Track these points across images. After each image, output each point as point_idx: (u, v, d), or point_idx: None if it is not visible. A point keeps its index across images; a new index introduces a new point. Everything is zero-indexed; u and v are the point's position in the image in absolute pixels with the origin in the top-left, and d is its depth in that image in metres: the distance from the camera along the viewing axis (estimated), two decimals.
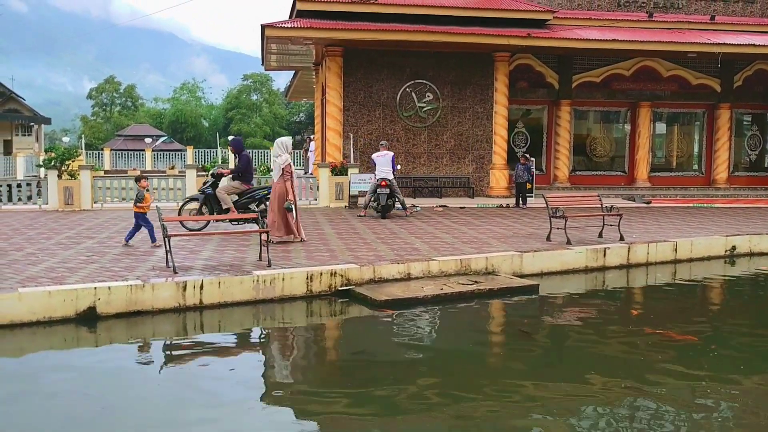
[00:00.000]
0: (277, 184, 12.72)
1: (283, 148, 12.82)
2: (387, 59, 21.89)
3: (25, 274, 9.66)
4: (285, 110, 76.11)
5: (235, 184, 14.20)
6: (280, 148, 12.84)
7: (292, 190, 12.64)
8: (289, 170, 12.66)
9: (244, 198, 14.17)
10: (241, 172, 14.21)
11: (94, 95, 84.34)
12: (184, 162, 40.24)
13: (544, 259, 12.10)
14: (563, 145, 24.25)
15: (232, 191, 14.00)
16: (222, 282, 9.53)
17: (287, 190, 12.58)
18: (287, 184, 12.62)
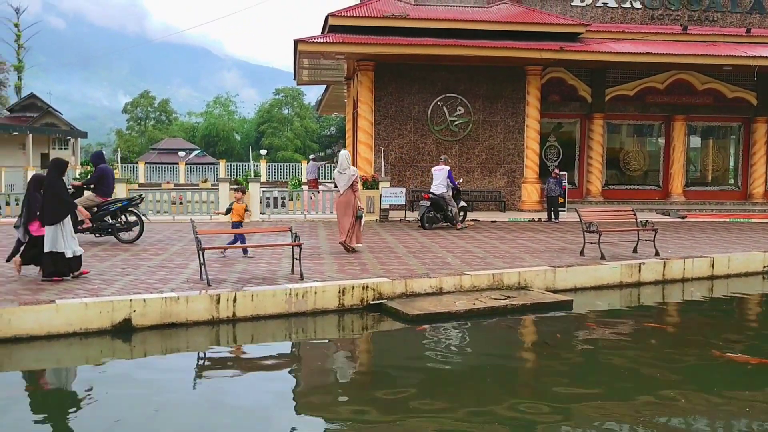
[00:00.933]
0: (346, 195, 13.37)
1: (348, 161, 13.53)
2: (418, 73, 21.95)
3: (63, 285, 9.80)
4: (316, 124, 76.60)
5: (89, 197, 14.30)
6: (347, 161, 13.48)
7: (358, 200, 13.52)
8: (357, 181, 13.52)
9: (100, 210, 14.35)
10: (95, 185, 14.38)
11: (129, 109, 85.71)
12: (216, 175, 40.69)
13: (577, 275, 11.97)
14: (596, 159, 24.04)
15: (87, 204, 13.99)
16: (255, 295, 9.58)
17: (357, 200, 13.42)
18: (356, 195, 13.43)
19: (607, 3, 23.94)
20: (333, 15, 21.17)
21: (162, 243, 14.58)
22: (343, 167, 13.46)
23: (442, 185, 17.53)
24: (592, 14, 23.87)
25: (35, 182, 10.46)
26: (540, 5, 23.58)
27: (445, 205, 17.65)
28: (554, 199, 20.08)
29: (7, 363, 7.90)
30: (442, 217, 17.74)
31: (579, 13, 23.75)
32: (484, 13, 22.27)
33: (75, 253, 10.18)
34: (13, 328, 8.30)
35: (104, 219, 14.36)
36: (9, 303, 8.57)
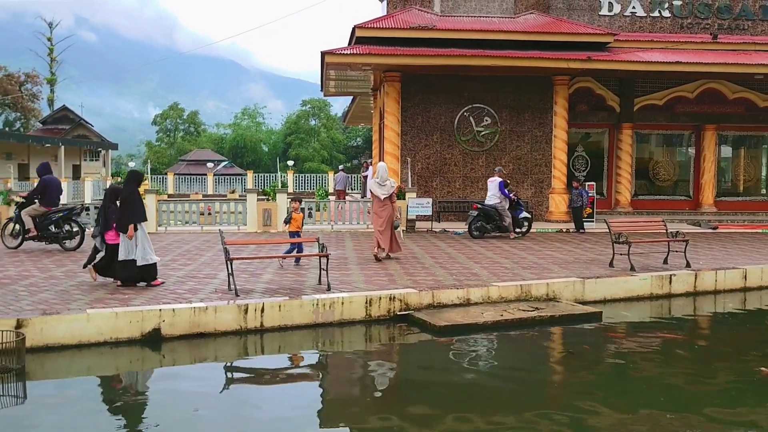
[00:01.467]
0: (386, 206, 13.74)
1: (387, 173, 14.02)
2: (445, 84, 21.96)
3: (94, 295, 9.93)
4: (342, 135, 76.93)
5: (35, 206, 14.94)
6: (386, 172, 13.96)
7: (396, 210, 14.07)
8: (395, 193, 14.06)
9: (44, 220, 14.92)
10: (40, 195, 14.99)
11: (159, 121, 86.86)
12: (244, 186, 41.01)
13: (607, 286, 11.84)
14: (625, 169, 23.81)
15: (33, 213, 14.81)
16: (282, 305, 9.62)
17: (394, 210, 13.95)
18: (394, 206, 13.91)
19: (635, 12, 23.78)
20: (360, 27, 21.28)
21: (191, 253, 14.71)
22: (384, 179, 13.84)
23: (495, 196, 17.93)
24: (620, 23, 23.71)
25: (111, 193, 11.08)
26: (567, 15, 23.48)
27: (497, 215, 17.88)
28: (578, 210, 20.02)
29: (39, 372, 8.01)
30: (493, 227, 17.96)
31: (607, 23, 23.61)
32: (511, 24, 22.22)
33: (147, 262, 10.54)
34: (45, 337, 8.42)
35: (48, 228, 14.99)
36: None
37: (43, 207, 14.98)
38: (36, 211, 14.95)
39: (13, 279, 11.30)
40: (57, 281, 11.10)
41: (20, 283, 10.86)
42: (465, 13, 22.73)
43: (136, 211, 10.50)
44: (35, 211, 14.95)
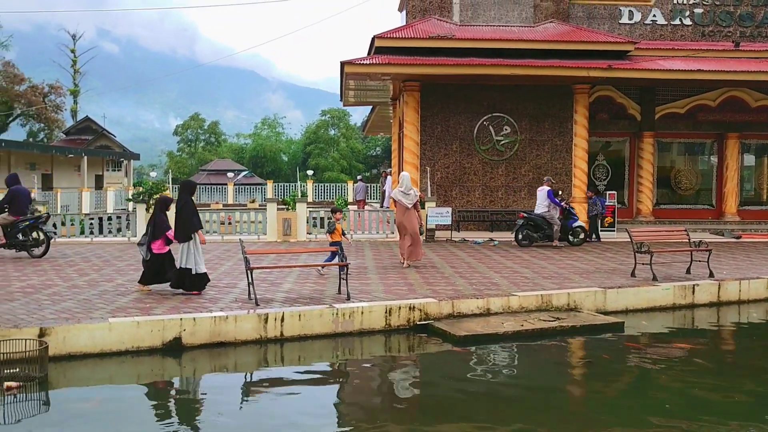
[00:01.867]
0: (411, 214, 14.08)
1: (411, 182, 14.57)
2: (464, 93, 21.94)
3: (115, 304, 10.01)
4: (362, 145, 77.10)
5: (4, 216, 15.57)
6: (410, 182, 14.44)
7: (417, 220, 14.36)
8: (418, 202, 14.51)
9: (13, 229, 15.51)
10: (9, 205, 15.58)
11: (180, 132, 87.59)
12: (264, 196, 41.20)
13: (629, 296, 11.73)
14: (646, 178, 23.63)
15: (2, 222, 15.49)
16: (302, 315, 9.63)
17: (420, 219, 14.46)
18: (419, 213, 14.45)
19: (656, 20, 23.65)
20: (379, 37, 21.34)
21: (211, 263, 14.78)
22: (408, 188, 14.27)
23: (543, 205, 18.25)
24: (640, 32, 23.58)
25: (162, 203, 11.41)
26: (587, 23, 23.40)
27: (546, 224, 18.10)
28: (593, 218, 20.11)
29: (62, 380, 8.08)
30: (541, 236, 18.18)
31: (627, 31, 23.49)
32: (530, 32, 22.19)
33: (198, 272, 10.86)
34: (67, 345, 8.49)
35: (17, 236, 15.52)
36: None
37: (12, 216, 15.55)
38: (5, 220, 15.51)
39: (36, 288, 11.43)
40: (79, 290, 11.20)
41: (43, 292, 10.97)
42: (484, 23, 22.73)
43: (194, 220, 10.87)
44: (4, 220, 15.52)
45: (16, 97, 58.22)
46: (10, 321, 8.79)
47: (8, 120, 59.61)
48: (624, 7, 23.68)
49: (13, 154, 39.61)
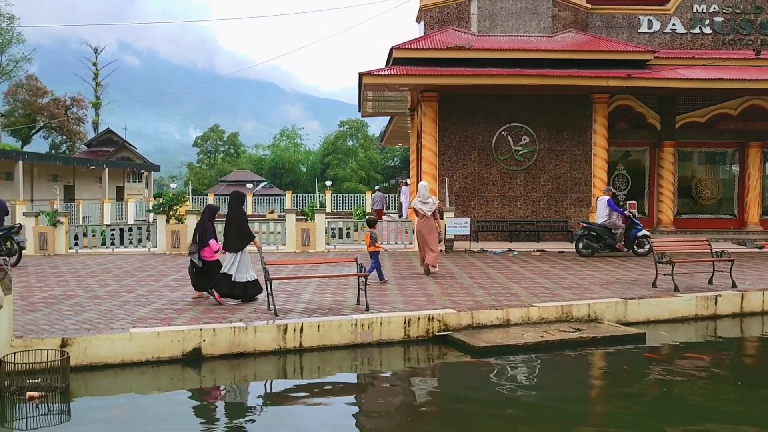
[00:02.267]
0: (430, 221, 14.46)
1: (428, 191, 14.94)
2: (482, 103, 21.93)
3: (136, 315, 10.08)
4: (380, 155, 77.20)
5: None
6: (428, 191, 14.87)
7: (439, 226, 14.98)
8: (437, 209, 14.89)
9: None
10: None
11: (200, 143, 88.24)
12: (283, 206, 41.35)
13: (650, 307, 11.61)
14: (667, 188, 23.43)
15: None
16: (321, 325, 9.64)
17: (439, 225, 14.91)
18: (438, 222, 14.84)
19: (675, 29, 23.51)
20: (397, 48, 21.40)
21: None
22: (425, 197, 14.64)
23: (603, 215, 18.39)
24: (660, 41, 23.45)
25: (210, 212, 11.73)
26: (606, 33, 23.31)
27: (607, 234, 18.18)
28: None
29: (83, 390, 8.13)
30: (603, 245, 18.20)
31: (646, 40, 23.38)
32: (548, 42, 22.14)
33: (247, 279, 11.15)
34: (89, 356, 8.56)
35: None
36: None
37: None
38: None
39: (58, 299, 11.54)
40: (101, 301, 11.30)
41: (65, 303, 11.08)
42: (502, 33, 22.71)
43: (246, 231, 11.28)
44: None
45: (39, 110, 58.99)
46: (33, 331, 8.88)
47: (31, 132, 60.39)
48: (643, 16, 23.57)
49: (35, 166, 40.08)
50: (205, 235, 11.29)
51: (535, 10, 22.69)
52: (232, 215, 11.25)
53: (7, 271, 8.21)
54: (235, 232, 11.14)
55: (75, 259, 18.01)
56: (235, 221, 11.20)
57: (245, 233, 11.22)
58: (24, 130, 58.17)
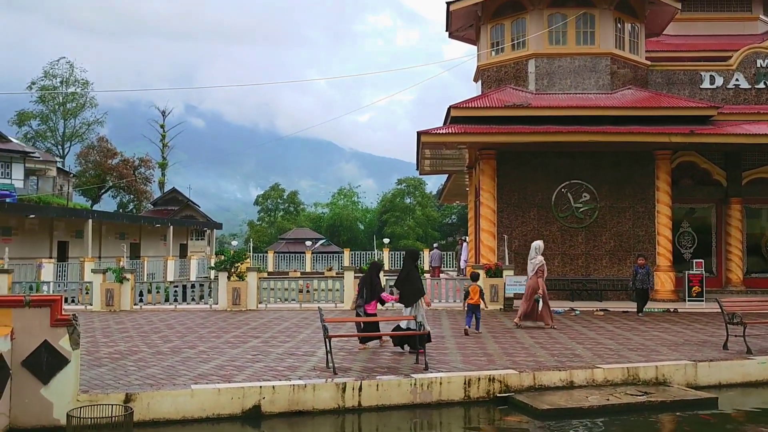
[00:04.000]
0: (531, 279, 15.30)
1: (537, 250, 15.46)
2: (541, 160, 21.84)
3: (197, 371, 10.18)
4: (437, 212, 77.35)
5: None
6: (535, 251, 15.44)
7: (543, 286, 15.24)
8: (542, 269, 15.34)
9: None
10: None
11: (261, 201, 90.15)
12: (341, 264, 41.58)
13: (722, 370, 11.12)
14: (735, 246, 22.69)
15: None
16: (380, 384, 9.54)
17: (539, 286, 15.15)
18: (539, 281, 15.16)
19: (739, 84, 23.12)
20: (455, 107, 21.61)
21: (290, 331, 14.92)
22: (531, 256, 15.44)
23: None
24: (723, 96, 23.08)
25: (375, 269, 12.92)
26: (667, 89, 23.09)
27: None
28: (645, 291, 18.03)
29: None
30: None
31: (709, 96, 23.04)
32: (608, 99, 22.02)
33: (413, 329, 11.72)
34: (152, 411, 8.66)
35: None
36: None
37: None
38: None
39: (123, 354, 11.76)
40: (163, 356, 11.47)
41: (129, 358, 11.28)
42: (560, 91, 22.71)
43: (420, 286, 12.07)
44: None
45: (109, 170, 61.40)
46: (98, 386, 9.05)
47: (101, 192, 62.75)
48: (705, 72, 23.30)
49: (104, 225, 41.50)
50: (373, 290, 12.24)
51: (593, 68, 22.67)
52: (407, 272, 12.14)
53: (76, 326, 8.44)
54: (409, 287, 11.98)
55: (139, 315, 18.40)
56: (408, 279, 12.07)
57: (417, 289, 11.98)
58: (94, 189, 60.49)
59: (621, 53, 22.87)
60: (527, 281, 15.73)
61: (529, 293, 15.39)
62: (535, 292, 15.23)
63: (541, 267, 15.35)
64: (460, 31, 26.66)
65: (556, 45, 22.80)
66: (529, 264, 15.59)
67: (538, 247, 15.61)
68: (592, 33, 22.69)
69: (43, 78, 64.32)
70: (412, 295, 11.97)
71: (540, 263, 15.35)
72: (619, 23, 22.97)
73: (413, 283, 12.03)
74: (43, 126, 64.64)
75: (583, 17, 22.66)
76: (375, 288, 12.28)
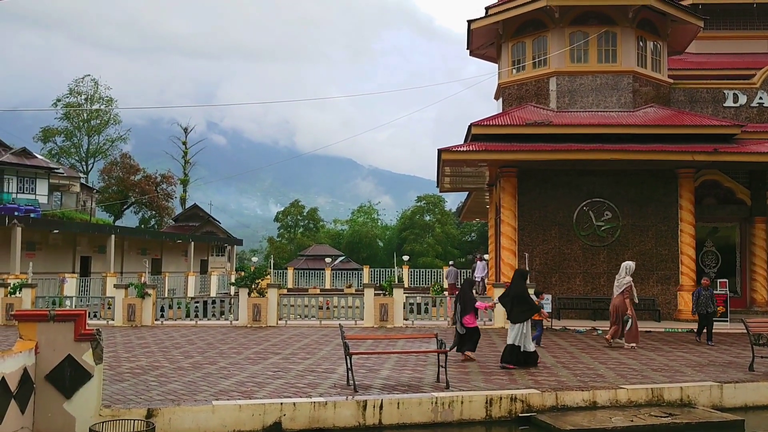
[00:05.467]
0: (617, 298, 15.33)
1: (627, 270, 15.42)
2: (562, 178, 21.74)
3: (218, 387, 10.19)
4: (457, 230, 77.12)
5: None
6: (625, 270, 15.45)
7: (631, 306, 15.23)
8: (629, 290, 15.28)
9: None
10: None
11: (281, 218, 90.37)
12: (360, 281, 41.55)
13: (748, 392, 10.94)
14: (760, 266, 22.38)
15: None
16: (401, 402, 9.49)
17: (626, 305, 15.14)
18: (626, 301, 15.17)
19: (762, 103, 22.91)
20: (476, 125, 21.60)
21: (310, 347, 14.91)
22: (620, 275, 15.48)
23: None
24: (746, 115, 22.87)
25: (469, 285, 13.68)
26: (690, 107, 22.94)
27: None
28: (710, 316, 16.32)
29: None
30: None
31: (732, 114, 22.84)
32: (630, 117, 21.91)
33: (527, 350, 12.36)
34: (173, 427, 8.67)
35: None
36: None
37: None
38: None
39: (144, 369, 11.82)
40: (185, 372, 11.50)
41: (151, 374, 11.33)
42: (582, 109, 22.63)
43: (531, 304, 12.72)
44: None
45: (132, 187, 61.95)
46: (120, 401, 9.09)
47: (123, 208, 63.33)
48: (728, 90, 23.13)
49: (126, 240, 41.86)
50: (467, 305, 13.01)
51: (615, 86, 22.59)
52: (518, 291, 12.69)
53: (100, 341, 8.50)
54: (519, 306, 12.48)
55: (160, 330, 18.49)
56: (519, 297, 12.60)
57: (529, 306, 12.60)
58: (117, 205, 61.08)
59: (643, 71, 22.78)
60: (612, 300, 15.74)
61: (613, 312, 15.43)
62: (619, 311, 15.25)
63: (628, 287, 15.28)
64: (481, 48, 26.70)
65: (578, 63, 22.76)
66: (616, 282, 15.69)
67: (628, 267, 15.53)
68: (614, 51, 22.63)
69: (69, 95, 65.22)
70: (523, 312, 12.46)
71: (627, 284, 15.30)
72: (641, 41, 22.90)
73: (526, 301, 12.65)
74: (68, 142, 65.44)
75: (605, 35, 22.62)
76: (468, 301, 13.12)
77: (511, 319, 12.58)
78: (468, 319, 13.01)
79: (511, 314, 12.57)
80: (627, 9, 22.23)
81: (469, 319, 13.03)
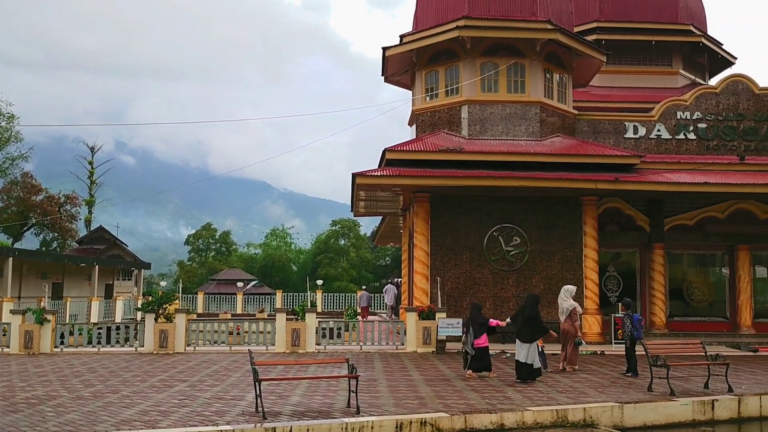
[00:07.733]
0: (565, 323, 15.45)
1: (568, 294, 15.75)
2: (473, 204, 22.20)
3: (120, 416, 9.79)
4: (371, 254, 77.45)
5: None
6: (566, 293, 15.74)
7: (579, 328, 15.90)
8: (576, 312, 15.60)
9: None
10: None
11: (192, 241, 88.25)
12: (273, 305, 40.97)
13: (647, 411, 11.37)
14: (658, 290, 23.45)
15: None
16: (310, 428, 9.37)
17: (575, 329, 15.55)
18: (575, 324, 15.53)
19: (660, 135, 24.15)
20: (390, 150, 21.83)
21: (218, 374, 14.55)
22: (562, 298, 15.70)
23: None
24: (645, 146, 24.04)
25: (476, 308, 14.72)
26: (593, 138, 23.93)
27: None
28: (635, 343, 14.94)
29: None
30: None
31: (632, 145, 23.96)
32: (537, 146, 22.66)
33: (535, 366, 13.53)
34: None
35: None
36: None
37: None
38: None
39: (41, 399, 11.23)
40: (84, 401, 11.00)
41: (47, 404, 10.78)
42: (492, 137, 23.23)
43: (543, 327, 13.98)
44: None
45: (33, 207, 59.27)
46: None
47: (23, 229, 60.44)
48: (629, 122, 24.28)
49: (25, 263, 39.90)
50: (476, 328, 14.06)
51: (523, 116, 23.34)
52: (532, 314, 13.82)
53: None
54: (530, 328, 13.64)
55: (60, 358, 17.64)
56: (532, 320, 13.77)
57: (540, 329, 13.82)
58: (16, 226, 58.23)
59: (550, 102, 23.65)
60: (561, 325, 15.55)
61: (564, 337, 15.54)
62: (569, 335, 15.48)
63: (574, 310, 15.52)
64: (396, 75, 27.10)
65: (489, 92, 23.41)
66: (560, 307, 15.68)
67: (569, 290, 15.86)
68: (523, 82, 23.42)
69: None
70: (533, 333, 13.63)
71: (571, 306, 15.50)
72: (548, 73, 23.80)
73: (534, 326, 13.71)
74: None
75: (514, 67, 23.39)
76: (480, 324, 14.22)
77: (521, 339, 13.64)
78: (481, 341, 14.13)
79: (522, 334, 13.67)
80: (534, 42, 23.09)
81: (480, 340, 14.13)
